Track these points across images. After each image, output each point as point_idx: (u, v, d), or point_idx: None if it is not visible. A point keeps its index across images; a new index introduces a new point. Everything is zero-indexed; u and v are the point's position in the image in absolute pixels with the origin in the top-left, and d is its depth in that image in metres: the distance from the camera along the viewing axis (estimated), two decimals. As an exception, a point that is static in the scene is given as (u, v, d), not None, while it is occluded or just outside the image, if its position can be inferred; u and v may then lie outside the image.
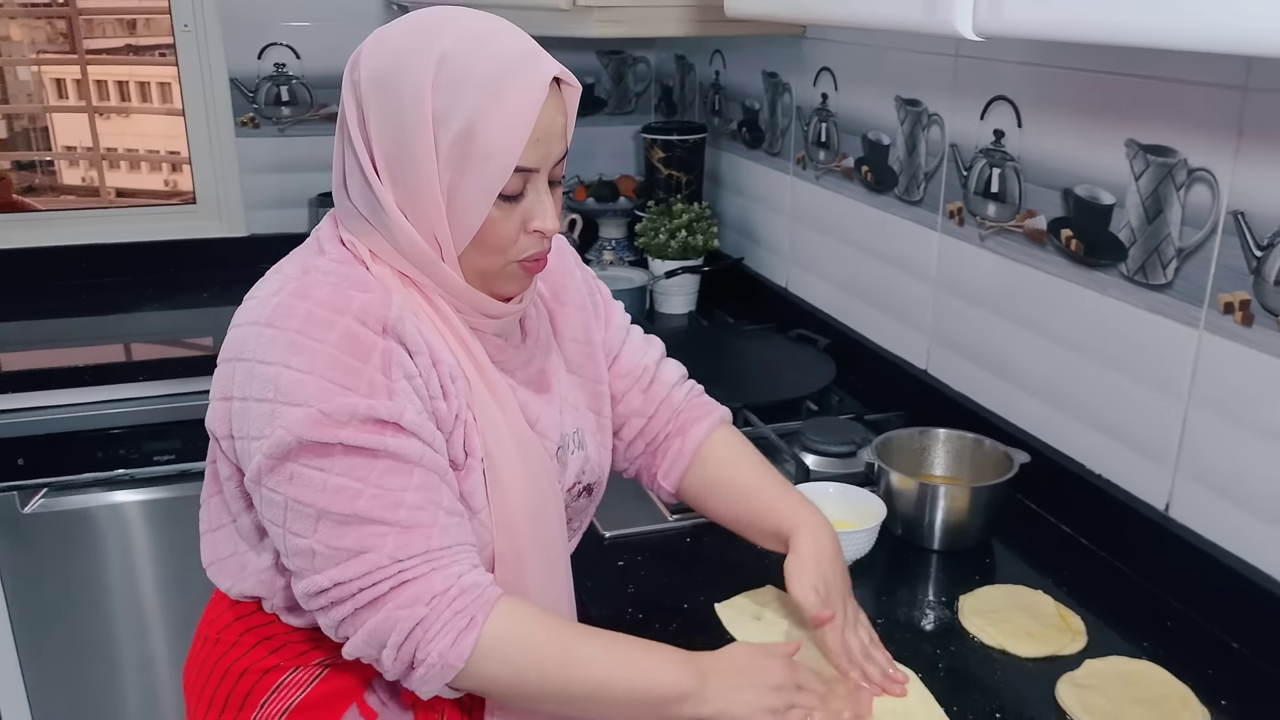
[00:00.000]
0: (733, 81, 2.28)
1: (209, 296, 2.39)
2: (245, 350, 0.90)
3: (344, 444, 0.87)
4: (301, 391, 0.87)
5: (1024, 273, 1.43)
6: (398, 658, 0.89)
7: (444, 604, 0.89)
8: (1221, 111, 1.10)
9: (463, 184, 0.91)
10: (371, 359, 0.90)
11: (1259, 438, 1.11)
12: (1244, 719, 1.02)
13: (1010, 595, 1.21)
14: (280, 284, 0.93)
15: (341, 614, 0.90)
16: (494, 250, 0.96)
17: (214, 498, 1.05)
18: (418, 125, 0.90)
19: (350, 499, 0.88)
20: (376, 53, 0.93)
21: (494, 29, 0.93)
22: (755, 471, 1.17)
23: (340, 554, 0.88)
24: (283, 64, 2.45)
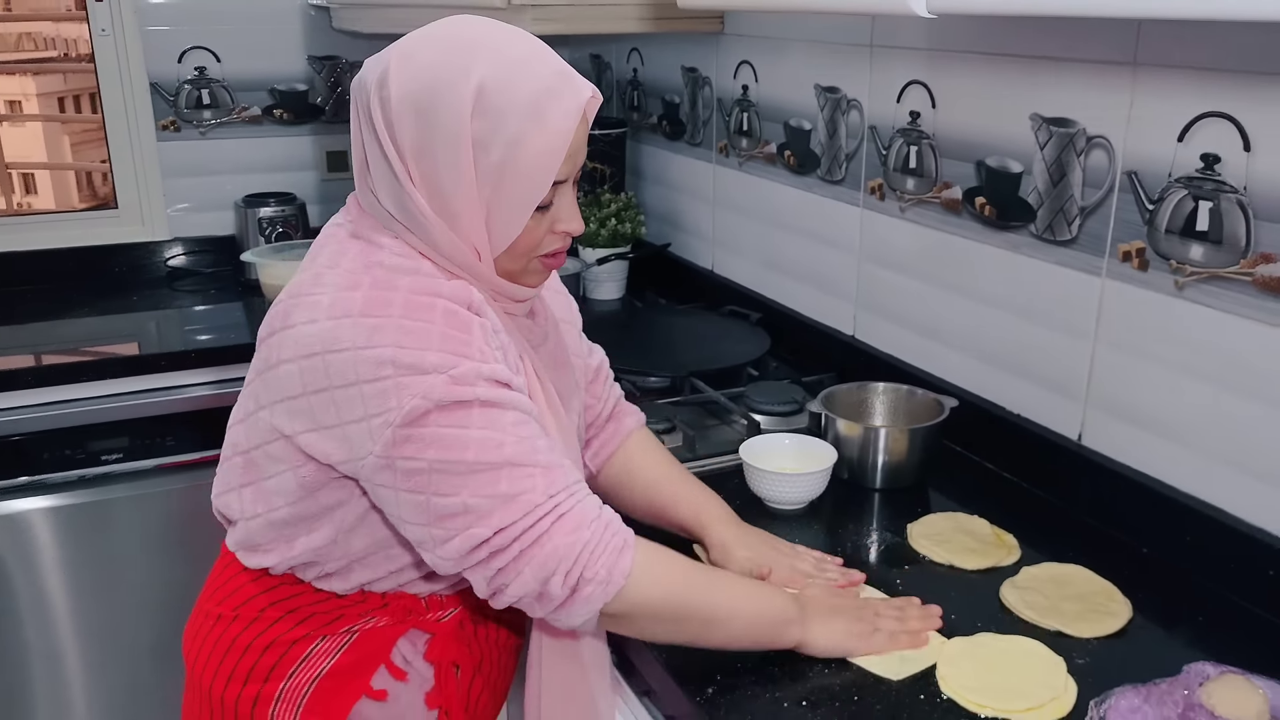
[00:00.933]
0: (651, 77, 2.41)
1: (138, 300, 2.39)
2: (338, 342, 0.93)
3: (480, 400, 0.92)
4: (425, 363, 0.91)
5: (942, 239, 1.58)
6: (565, 582, 0.94)
7: (600, 527, 0.96)
8: (1114, 84, 1.27)
9: (501, 200, 0.97)
10: (474, 331, 0.96)
11: (1158, 368, 1.27)
12: (1158, 607, 1.18)
13: (951, 521, 1.35)
14: (351, 279, 0.97)
15: (504, 560, 0.93)
16: (523, 252, 1.02)
17: (249, 487, 1.06)
18: (457, 151, 0.94)
19: (496, 447, 0.93)
20: (408, 73, 0.95)
21: (528, 50, 0.98)
22: (668, 468, 1.31)
23: (496, 501, 0.92)
24: (203, 67, 2.47)
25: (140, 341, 2.18)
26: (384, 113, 0.96)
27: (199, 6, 2.44)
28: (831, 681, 1.05)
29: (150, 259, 2.53)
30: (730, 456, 1.48)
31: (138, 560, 2.09)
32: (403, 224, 1.00)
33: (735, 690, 1.03)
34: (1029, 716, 1.00)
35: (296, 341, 0.96)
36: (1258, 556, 1.17)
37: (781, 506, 1.38)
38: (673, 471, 1.30)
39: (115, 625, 2.10)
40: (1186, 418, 1.25)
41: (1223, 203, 1.16)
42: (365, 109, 0.98)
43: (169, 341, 2.18)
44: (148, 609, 2.10)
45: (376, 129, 0.97)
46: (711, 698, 1.02)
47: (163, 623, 2.11)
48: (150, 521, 2.07)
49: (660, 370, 1.79)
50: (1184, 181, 1.20)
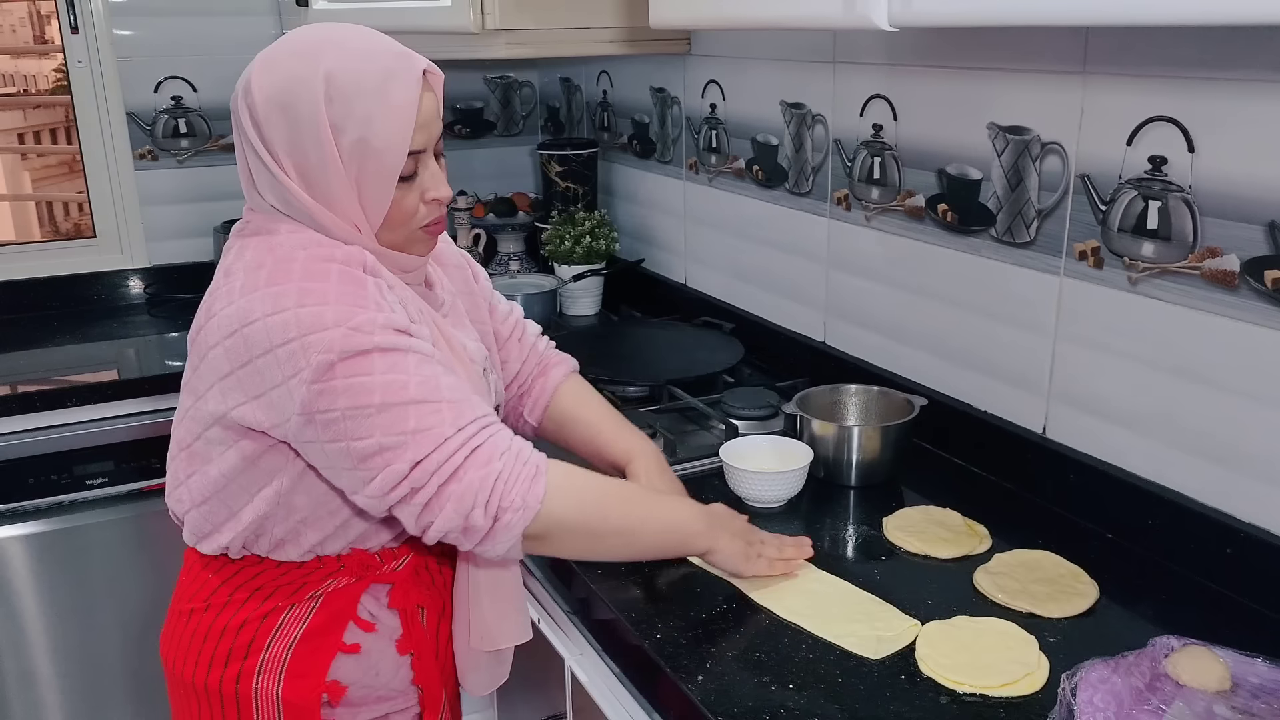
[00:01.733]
0: (621, 98, 2.47)
1: (118, 327, 2.41)
2: (250, 315, 1.02)
3: (379, 347, 1.01)
4: (324, 319, 1.00)
5: (907, 245, 1.64)
6: (486, 513, 1.02)
7: (511, 457, 1.04)
8: (1065, 93, 1.34)
9: (367, 176, 1.08)
10: (368, 287, 1.05)
11: (1116, 360, 1.34)
12: (1123, 586, 1.23)
13: (924, 513, 1.40)
14: (256, 261, 1.06)
15: (427, 495, 1.01)
16: (400, 223, 1.12)
17: (194, 476, 1.14)
18: (319, 137, 1.05)
19: (400, 388, 1.01)
20: (267, 79, 1.06)
21: (367, 40, 1.09)
22: (599, 410, 1.42)
23: (406, 437, 1.00)
24: (179, 96, 2.51)
25: (120, 367, 2.20)
26: (252, 117, 1.07)
27: (174, 37, 2.48)
28: (816, 664, 1.10)
29: (129, 286, 2.55)
30: (710, 459, 1.53)
31: (121, 584, 2.10)
32: (290, 216, 1.10)
33: (723, 677, 1.08)
34: (1005, 691, 1.04)
35: (218, 326, 1.05)
36: (1214, 536, 1.23)
37: (761, 505, 1.43)
38: (604, 415, 1.41)
39: (94, 650, 2.11)
40: (1144, 407, 1.31)
41: (1170, 201, 1.23)
42: (238, 119, 1.09)
43: (150, 366, 2.20)
44: (129, 633, 2.12)
45: (249, 134, 1.07)
46: (702, 684, 1.07)
47: (142, 648, 2.12)
48: (135, 545, 2.09)
49: (639, 380, 1.84)
50: (1133, 183, 1.27)
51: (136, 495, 2.08)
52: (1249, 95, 1.13)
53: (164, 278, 2.56)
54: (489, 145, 2.85)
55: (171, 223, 2.56)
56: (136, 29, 2.45)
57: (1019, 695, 1.04)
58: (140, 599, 2.11)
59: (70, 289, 2.51)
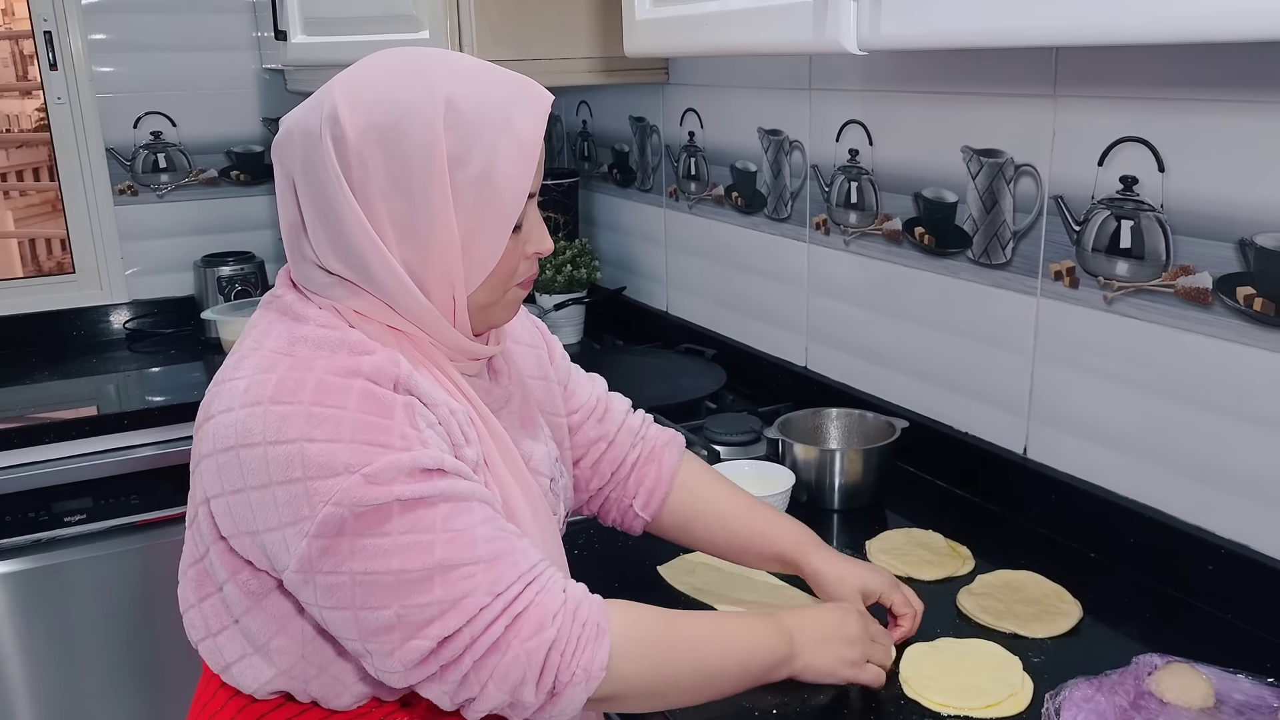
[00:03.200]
0: (601, 128, 2.48)
1: (97, 363, 2.40)
2: (252, 434, 0.85)
3: (400, 500, 0.84)
4: (336, 461, 0.83)
5: (886, 269, 1.65)
6: (539, 689, 0.86)
7: (567, 620, 0.88)
8: (1037, 115, 1.35)
9: (480, 220, 0.90)
10: (396, 414, 0.87)
11: (1095, 379, 1.34)
12: (1107, 605, 1.23)
13: (908, 535, 1.40)
14: (271, 360, 0.89)
15: (461, 671, 0.85)
16: (500, 283, 0.95)
17: (209, 599, 0.96)
18: (432, 172, 0.88)
19: (425, 551, 0.84)
20: (364, 106, 0.88)
21: (480, 63, 0.94)
22: (736, 498, 1.22)
23: (432, 609, 0.84)
24: (159, 132, 2.51)
25: (100, 403, 2.18)
26: (339, 155, 0.88)
27: (153, 73, 2.49)
28: (799, 689, 1.09)
29: (109, 322, 2.55)
30: (693, 485, 1.52)
31: (102, 622, 2.08)
32: (354, 284, 0.92)
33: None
34: (989, 712, 1.04)
35: (214, 434, 0.88)
36: (1196, 553, 1.23)
37: (744, 530, 1.43)
38: (744, 502, 1.22)
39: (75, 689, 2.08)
40: (1123, 426, 1.31)
41: (1143, 220, 1.24)
42: (304, 162, 0.90)
43: (130, 401, 2.18)
44: (111, 671, 2.09)
45: (328, 177, 0.88)
46: (678, 710, 1.05)
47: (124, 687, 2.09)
48: (115, 582, 2.06)
49: (621, 407, 1.83)
50: (1106, 203, 1.28)
51: (116, 531, 2.06)
52: (1216, 114, 1.15)
53: (144, 313, 2.55)
54: (470, 176, 2.86)
55: (151, 258, 2.55)
56: (116, 65, 2.46)
57: (1003, 716, 1.04)
58: (122, 636, 2.08)
59: (49, 325, 2.50)
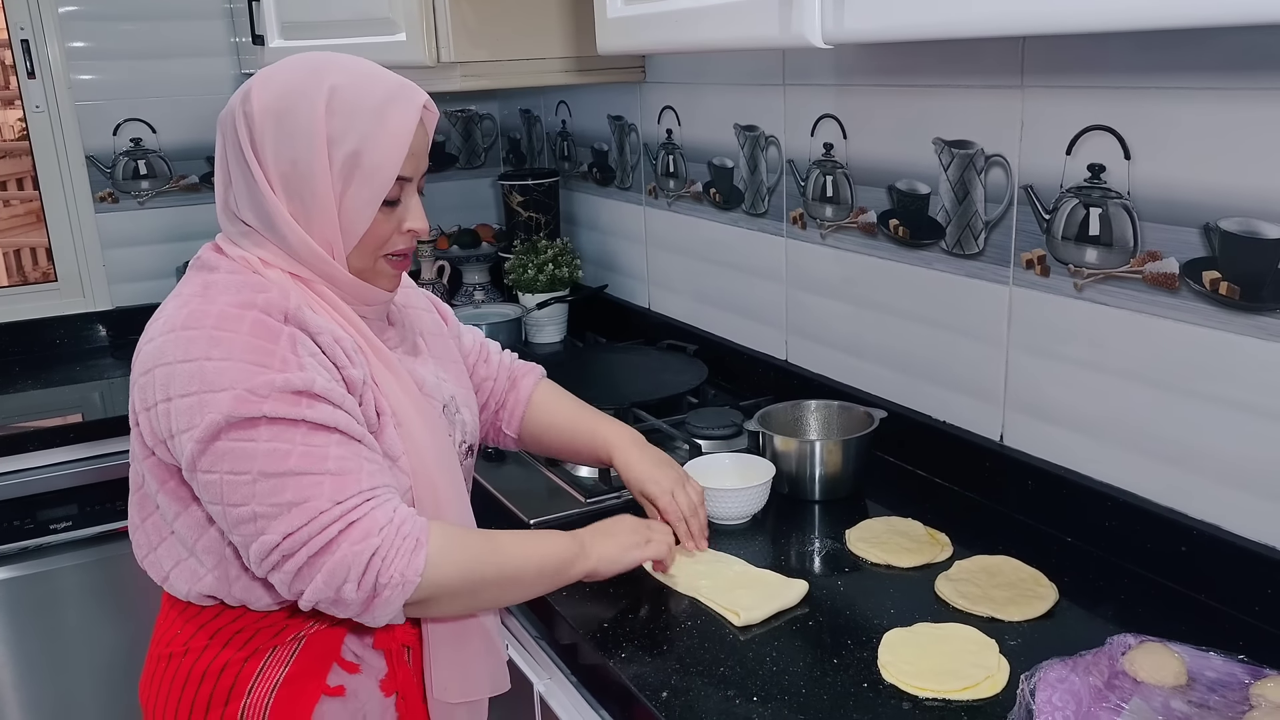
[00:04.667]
0: (580, 128, 2.49)
1: (81, 371, 2.40)
2: (165, 355, 1.02)
3: (268, 416, 1.00)
4: (225, 378, 0.99)
5: (862, 261, 1.67)
6: (360, 587, 1.01)
7: (391, 532, 1.02)
8: (1006, 106, 1.37)
9: (352, 193, 1.08)
10: (280, 340, 1.03)
11: (1067, 366, 1.36)
12: (1082, 588, 1.25)
13: (887, 524, 1.42)
14: (184, 300, 1.06)
15: (296, 564, 1.00)
16: (372, 249, 1.13)
17: (149, 518, 1.14)
18: (312, 146, 1.06)
19: (281, 458, 1.00)
20: (269, 90, 1.08)
21: (371, 65, 1.12)
22: (573, 410, 1.45)
23: (282, 508, 0.99)
24: (139, 138, 2.51)
25: (84, 410, 2.19)
26: (247, 126, 1.07)
27: (133, 80, 2.49)
28: (780, 675, 1.10)
29: (92, 330, 2.54)
30: (674, 479, 1.53)
31: (90, 628, 2.08)
32: (259, 233, 1.10)
33: (689, 693, 1.08)
34: (965, 695, 1.06)
35: (138, 361, 1.05)
36: (1169, 535, 1.25)
37: (725, 522, 1.44)
38: (578, 414, 1.44)
39: (65, 696, 2.09)
40: (1096, 411, 1.33)
41: (1110, 208, 1.26)
42: (230, 130, 1.09)
43: (114, 407, 2.19)
44: (101, 678, 2.10)
45: (241, 143, 1.07)
46: (666, 701, 1.07)
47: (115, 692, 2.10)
48: (102, 588, 2.07)
49: (603, 403, 1.82)
50: (1074, 191, 1.30)
51: (102, 538, 2.07)
52: (1179, 101, 1.17)
53: (127, 320, 2.55)
54: (452, 178, 2.87)
55: (134, 265, 2.55)
56: (95, 73, 2.46)
57: (980, 698, 1.05)
58: (110, 642, 2.09)
59: (32, 334, 2.50)
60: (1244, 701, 1.00)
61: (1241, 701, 1.00)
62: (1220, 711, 0.99)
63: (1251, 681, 1.02)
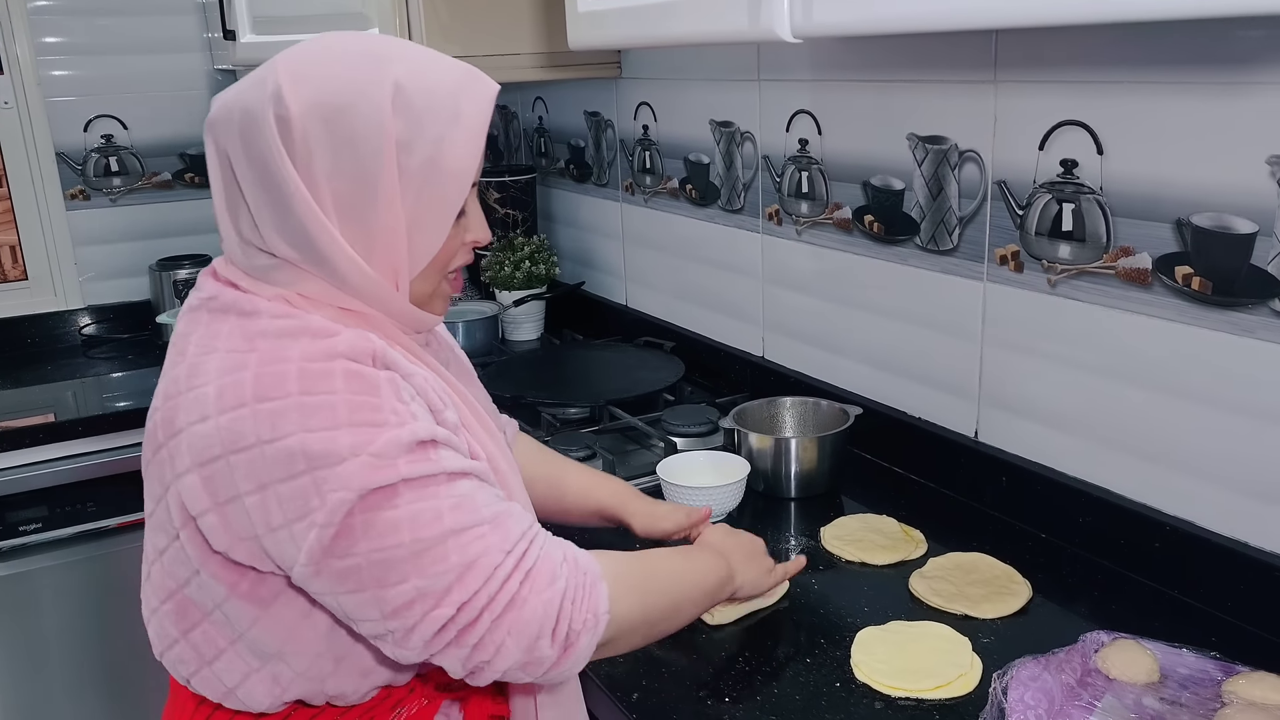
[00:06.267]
0: (556, 124, 2.48)
1: (52, 370, 2.37)
2: (241, 439, 0.82)
3: (405, 478, 0.83)
4: (339, 447, 0.82)
5: (837, 257, 1.66)
6: (555, 639, 0.87)
7: (571, 568, 0.89)
8: (979, 101, 1.36)
9: (425, 206, 0.90)
10: (383, 390, 0.86)
11: (1041, 362, 1.35)
12: (1056, 585, 1.25)
13: (861, 521, 1.41)
14: (236, 360, 0.86)
15: (478, 634, 0.85)
16: (439, 270, 0.96)
17: (197, 629, 0.94)
18: (378, 155, 0.86)
19: (433, 520, 0.84)
20: (308, 84, 0.87)
21: (428, 50, 0.94)
22: (563, 463, 1.33)
23: (450, 575, 0.84)
24: (110, 135, 2.48)
25: (56, 410, 2.16)
26: (283, 134, 0.86)
27: (104, 76, 2.46)
28: (751, 675, 1.09)
29: (64, 328, 2.52)
30: (649, 478, 1.52)
31: (62, 629, 2.06)
32: (298, 264, 0.90)
33: (659, 694, 1.07)
34: (938, 694, 1.05)
35: (191, 447, 0.85)
36: (1142, 531, 1.24)
37: (700, 520, 1.43)
38: (567, 465, 1.33)
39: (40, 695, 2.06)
40: (1070, 407, 1.33)
41: (1083, 203, 1.26)
42: (243, 141, 0.88)
43: (86, 407, 2.16)
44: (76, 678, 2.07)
45: (271, 155, 0.86)
46: (636, 702, 1.06)
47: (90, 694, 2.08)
48: (74, 589, 2.05)
49: (579, 401, 1.84)
50: (1047, 186, 1.29)
51: (75, 539, 2.04)
52: (1151, 96, 1.16)
53: (100, 318, 2.52)
54: (428, 175, 2.85)
55: (106, 262, 2.53)
56: (65, 68, 2.43)
57: (952, 697, 1.04)
58: (85, 643, 2.06)
59: (2, 333, 2.46)
60: (1216, 698, 0.99)
61: (1214, 698, 1.00)
62: (1193, 708, 0.98)
63: (1224, 678, 1.02)
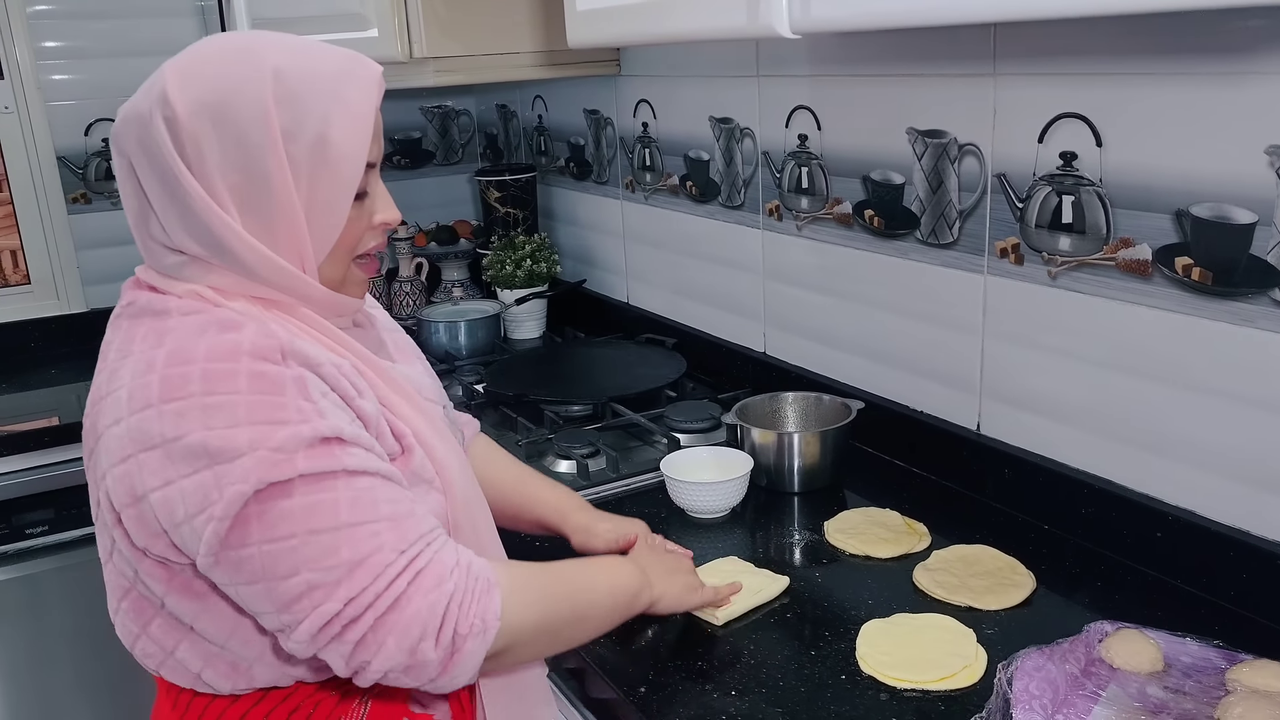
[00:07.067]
0: (556, 122, 2.48)
1: (56, 374, 2.38)
2: (148, 437, 0.84)
3: (302, 474, 0.84)
4: (239, 444, 0.83)
5: (838, 252, 1.66)
6: (438, 642, 0.87)
7: (462, 574, 0.89)
8: (978, 95, 1.37)
9: (319, 190, 0.92)
10: (287, 389, 0.86)
11: (1042, 354, 1.36)
12: (1060, 576, 1.25)
13: (865, 515, 1.42)
14: (145, 361, 0.87)
15: (360, 631, 0.85)
16: (345, 252, 0.98)
17: (152, 624, 0.96)
18: (266, 145, 0.89)
19: (329, 512, 0.84)
20: (194, 87, 0.89)
21: (307, 40, 0.96)
22: (519, 470, 1.32)
23: (340, 570, 0.84)
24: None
25: (60, 413, 2.17)
26: (172, 136, 0.88)
27: (104, 80, 2.46)
28: (757, 669, 1.10)
29: (67, 332, 2.52)
30: (653, 474, 1.53)
31: (69, 631, 2.06)
32: (205, 259, 0.92)
33: (666, 688, 1.08)
34: (943, 685, 1.05)
35: (108, 449, 0.87)
36: (1145, 521, 1.25)
37: (703, 516, 1.44)
38: (522, 473, 1.31)
39: (46, 698, 2.07)
40: (1071, 399, 1.33)
41: (1083, 195, 1.26)
42: (140, 146, 0.90)
43: (90, 411, 2.17)
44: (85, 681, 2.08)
45: (163, 158, 0.88)
46: (644, 696, 1.07)
47: (100, 695, 2.08)
48: (81, 591, 2.05)
49: (581, 398, 1.84)
50: (1047, 179, 1.30)
51: (80, 542, 2.05)
52: (1149, 87, 1.17)
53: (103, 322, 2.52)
54: (429, 175, 2.86)
55: (108, 266, 2.53)
56: (65, 72, 2.43)
57: (957, 688, 1.05)
58: (91, 645, 2.07)
59: (6, 337, 2.47)
60: (1220, 687, 1.00)
61: (1217, 687, 1.00)
62: (1196, 697, 0.99)
63: (1227, 667, 1.02)
